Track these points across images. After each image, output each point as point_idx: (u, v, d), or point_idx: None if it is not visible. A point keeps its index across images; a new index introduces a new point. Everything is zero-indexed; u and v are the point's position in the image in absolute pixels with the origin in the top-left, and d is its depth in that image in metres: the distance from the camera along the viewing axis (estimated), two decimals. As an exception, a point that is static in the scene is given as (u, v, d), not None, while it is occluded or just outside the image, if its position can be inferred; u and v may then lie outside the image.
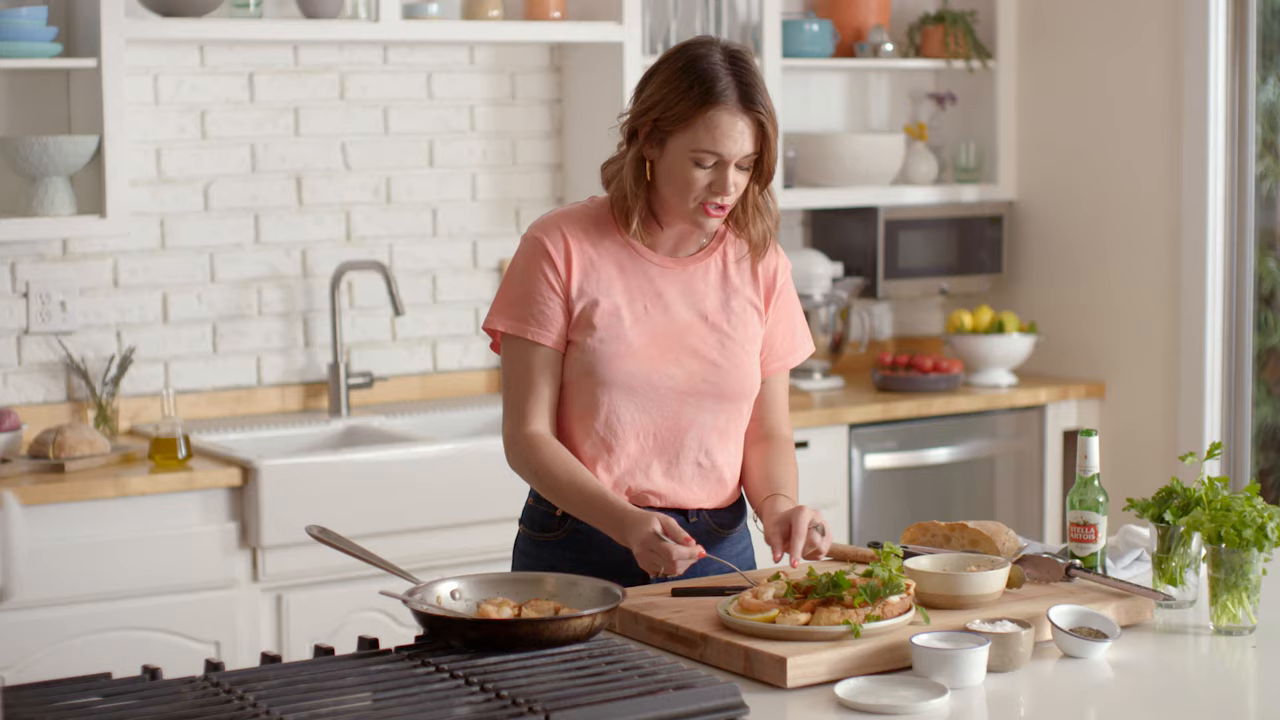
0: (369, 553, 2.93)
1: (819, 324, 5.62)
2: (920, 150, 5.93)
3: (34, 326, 4.82)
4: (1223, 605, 2.95)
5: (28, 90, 4.73)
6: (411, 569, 4.21)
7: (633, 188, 3.18)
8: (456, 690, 2.46)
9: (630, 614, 2.93)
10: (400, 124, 5.28)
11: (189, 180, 5.01)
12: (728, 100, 3.07)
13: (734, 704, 2.45)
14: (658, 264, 3.24)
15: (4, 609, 4.21)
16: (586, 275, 3.20)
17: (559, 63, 5.48)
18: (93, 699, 2.44)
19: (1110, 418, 5.72)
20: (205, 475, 4.45)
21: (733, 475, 3.32)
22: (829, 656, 2.68)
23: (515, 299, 3.22)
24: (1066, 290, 5.87)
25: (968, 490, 5.58)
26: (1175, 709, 2.68)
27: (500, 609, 2.73)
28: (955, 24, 5.81)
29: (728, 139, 3.07)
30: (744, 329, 3.26)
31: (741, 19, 5.57)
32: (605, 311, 3.19)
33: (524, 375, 3.21)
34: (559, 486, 3.18)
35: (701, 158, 3.09)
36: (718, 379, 3.22)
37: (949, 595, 2.91)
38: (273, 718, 2.34)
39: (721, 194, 3.10)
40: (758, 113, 3.09)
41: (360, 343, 5.26)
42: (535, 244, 3.22)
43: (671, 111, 3.10)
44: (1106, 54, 5.68)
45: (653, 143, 3.15)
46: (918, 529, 3.29)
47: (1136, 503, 3.08)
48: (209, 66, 5.01)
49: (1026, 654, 2.76)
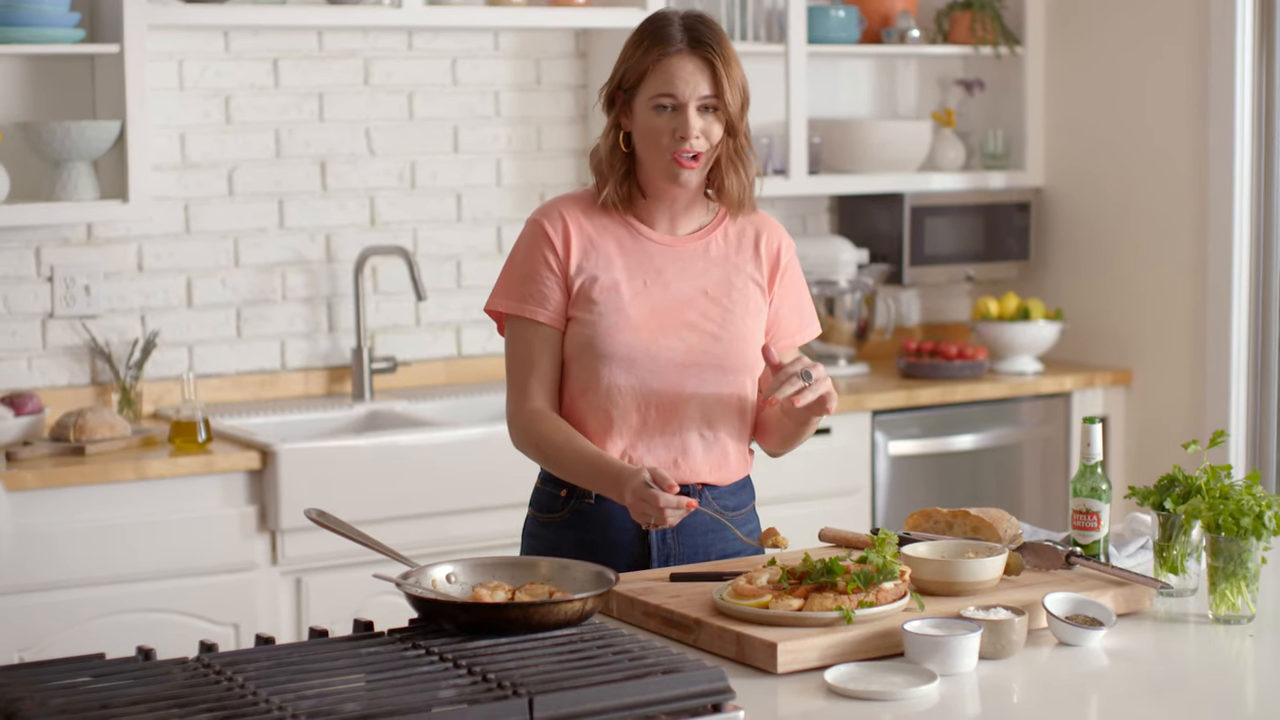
0: (368, 537, 2.94)
1: (844, 310, 5.61)
2: (948, 137, 5.91)
3: (58, 310, 4.86)
4: (1221, 594, 2.94)
5: (52, 76, 4.77)
6: (429, 554, 4.26)
7: (608, 157, 3.28)
8: (444, 673, 2.47)
9: (627, 599, 2.94)
10: (425, 109, 5.30)
11: (213, 165, 5.04)
12: (677, 43, 3.19)
13: (720, 689, 2.45)
14: (657, 241, 3.29)
15: (23, 590, 4.25)
16: (585, 253, 3.25)
17: (584, 48, 5.48)
18: (83, 679, 2.46)
19: (1136, 405, 5.70)
20: (224, 459, 4.48)
21: (738, 452, 3.34)
22: (820, 642, 2.68)
23: (515, 281, 3.29)
24: (1093, 277, 5.85)
25: (992, 477, 5.56)
26: (1169, 697, 2.67)
27: (494, 593, 2.74)
28: (983, 10, 5.79)
29: (678, 79, 3.17)
30: (745, 304, 3.29)
31: (767, 4, 5.56)
32: (604, 286, 3.24)
33: (525, 353, 3.27)
34: (560, 455, 3.22)
35: (660, 101, 3.18)
36: (718, 350, 3.26)
37: (945, 582, 2.91)
38: (259, 698, 2.36)
39: (685, 137, 3.17)
40: (706, 52, 3.18)
41: (384, 327, 5.28)
42: (535, 227, 3.30)
43: (629, 65, 3.22)
44: (1134, 40, 5.66)
45: (625, 111, 3.25)
46: (921, 515, 3.28)
47: (1138, 490, 3.07)
48: (233, 52, 5.03)
49: (1020, 641, 2.75)
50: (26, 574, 4.26)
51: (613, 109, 3.27)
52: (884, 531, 2.91)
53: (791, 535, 3.29)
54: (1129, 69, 5.68)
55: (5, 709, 2.33)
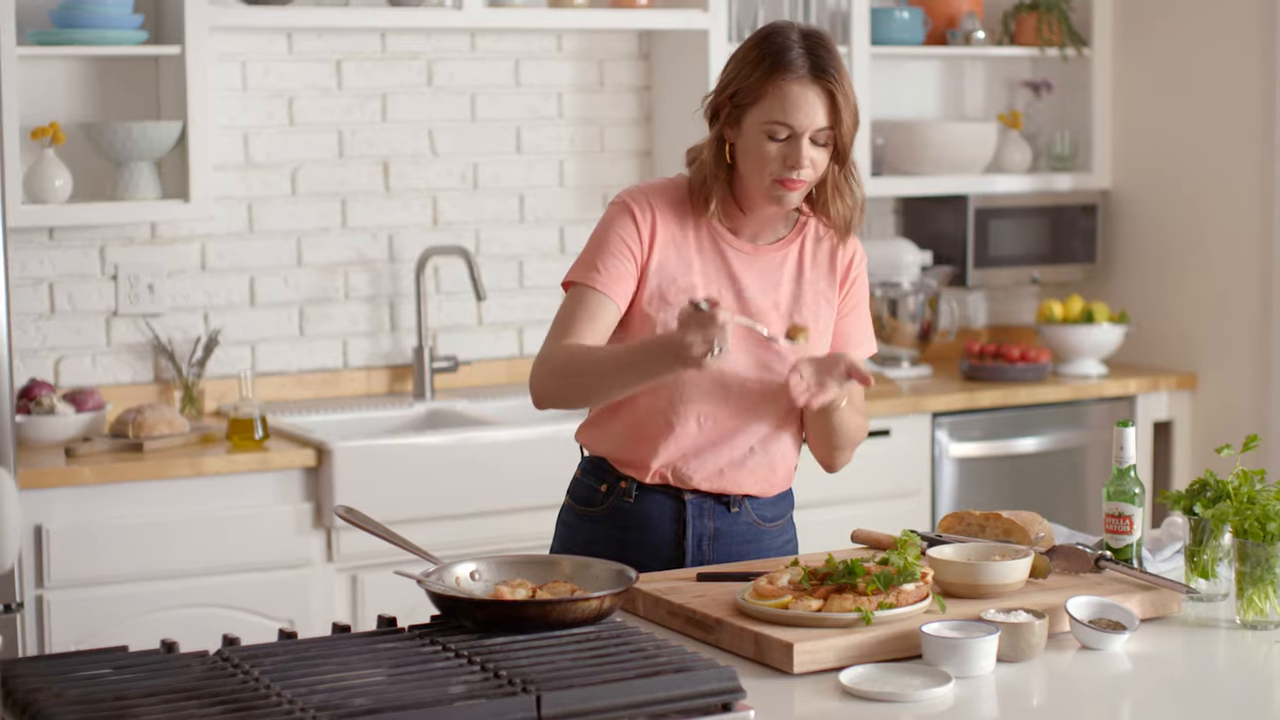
0: (396, 535, 2.98)
1: (906, 312, 5.60)
2: (1014, 138, 5.89)
3: (122, 308, 4.93)
4: (1249, 599, 2.92)
5: (116, 77, 4.84)
6: (482, 553, 4.28)
7: (712, 169, 3.22)
8: (458, 669, 2.49)
9: (652, 598, 2.96)
10: (487, 110, 5.33)
11: (276, 165, 5.09)
12: (798, 70, 3.10)
13: (730, 688, 2.46)
14: (736, 248, 3.25)
15: (79, 584, 4.32)
16: (667, 252, 3.21)
17: (647, 49, 5.50)
18: (104, 671, 2.50)
19: (1202, 408, 5.66)
20: (280, 456, 4.53)
21: (784, 466, 3.33)
22: (837, 643, 2.69)
23: (591, 255, 3.22)
24: (1159, 280, 5.81)
25: (1055, 480, 5.53)
26: (1188, 701, 2.66)
27: (515, 591, 2.76)
28: (1050, 11, 5.76)
29: (798, 109, 3.10)
30: (814, 322, 3.26)
31: (830, 6, 5.56)
32: (682, 289, 3.20)
33: (575, 312, 3.18)
34: (597, 360, 3.11)
35: (774, 129, 3.11)
36: (782, 368, 3.22)
37: (969, 584, 2.90)
38: (272, 692, 2.39)
39: (795, 167, 3.11)
40: (828, 82, 3.10)
41: (446, 327, 5.32)
42: (624, 209, 3.23)
43: (745, 84, 3.14)
44: (1202, 42, 5.61)
45: (731, 123, 3.19)
46: (954, 518, 3.28)
47: (1168, 495, 3.06)
48: (297, 54, 5.08)
49: (1039, 645, 2.75)
50: (83, 568, 4.33)
51: (718, 121, 3.21)
52: (907, 533, 2.91)
53: (848, 537, 3.35)
54: (1197, 70, 5.64)
55: (23, 699, 2.37)
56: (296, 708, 2.33)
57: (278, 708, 2.33)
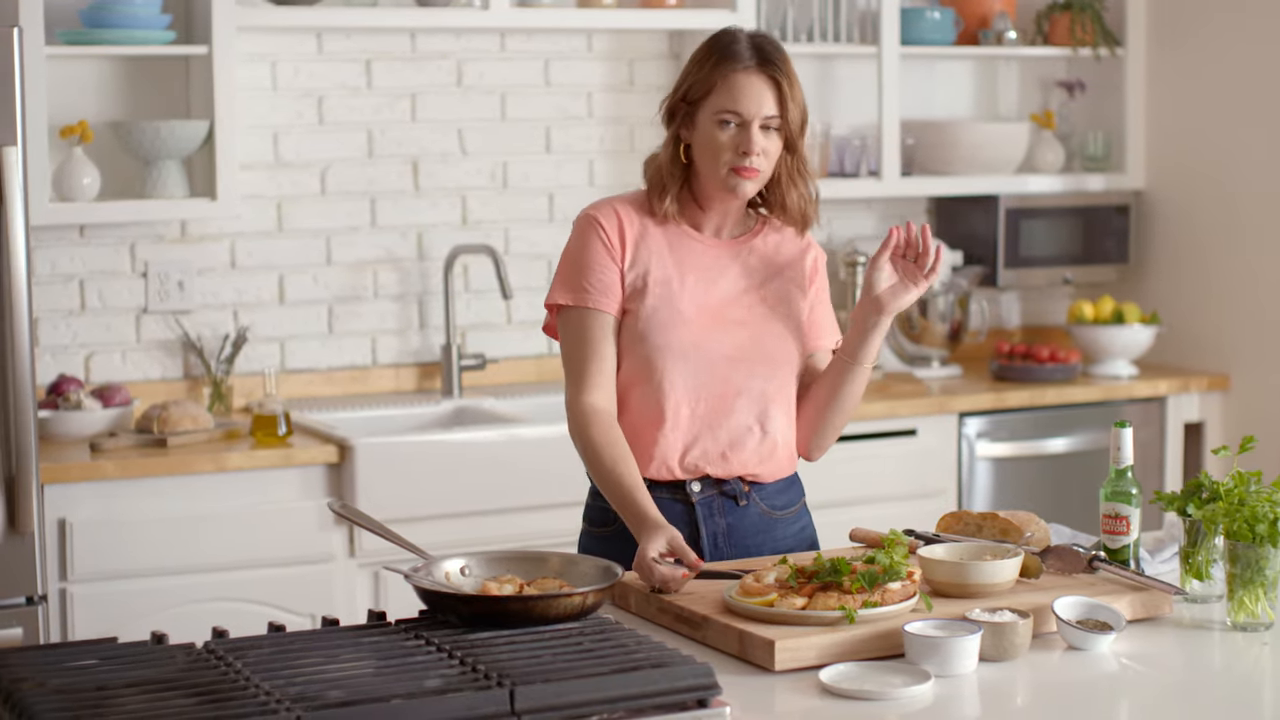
0: (389, 530, 3.01)
1: (936, 312, 5.60)
2: (1047, 139, 5.88)
3: (152, 305, 4.98)
4: (1239, 601, 2.91)
5: (145, 76, 4.89)
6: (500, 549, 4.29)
7: (669, 169, 3.33)
8: (437, 663, 2.52)
9: (644, 594, 2.98)
10: (517, 110, 5.36)
11: (306, 165, 5.14)
12: (745, 60, 3.25)
13: (706, 684, 2.47)
14: (701, 241, 3.35)
15: (103, 578, 4.37)
16: (638, 247, 3.32)
17: (677, 49, 5.52)
18: (91, 661, 2.54)
19: (1234, 410, 5.63)
20: (303, 452, 4.57)
21: (787, 446, 3.37)
22: (819, 641, 2.70)
23: (573, 273, 3.34)
24: (1193, 281, 5.79)
25: (1084, 481, 5.51)
26: (1172, 703, 2.66)
27: (503, 586, 2.79)
28: (1084, 11, 5.75)
29: (746, 97, 3.23)
30: (787, 304, 3.37)
31: (860, 6, 5.56)
32: (657, 280, 3.30)
33: (585, 342, 3.31)
34: (603, 472, 3.25)
35: (725, 117, 3.24)
36: (765, 343, 3.32)
37: (958, 584, 2.91)
38: (250, 683, 2.43)
39: (748, 153, 3.23)
40: (773, 72, 3.24)
41: (475, 325, 5.35)
42: (589, 221, 3.35)
43: (695, 80, 3.28)
44: (1236, 42, 5.59)
45: (686, 123, 3.31)
46: (952, 517, 3.28)
47: (1163, 495, 3.06)
48: (326, 53, 5.13)
49: (1023, 644, 2.75)
50: (106, 562, 4.38)
51: (674, 121, 3.34)
52: (895, 532, 2.92)
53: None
54: (1231, 71, 5.61)
55: (6, 689, 2.41)
56: (273, 699, 2.36)
57: (254, 699, 2.36)
